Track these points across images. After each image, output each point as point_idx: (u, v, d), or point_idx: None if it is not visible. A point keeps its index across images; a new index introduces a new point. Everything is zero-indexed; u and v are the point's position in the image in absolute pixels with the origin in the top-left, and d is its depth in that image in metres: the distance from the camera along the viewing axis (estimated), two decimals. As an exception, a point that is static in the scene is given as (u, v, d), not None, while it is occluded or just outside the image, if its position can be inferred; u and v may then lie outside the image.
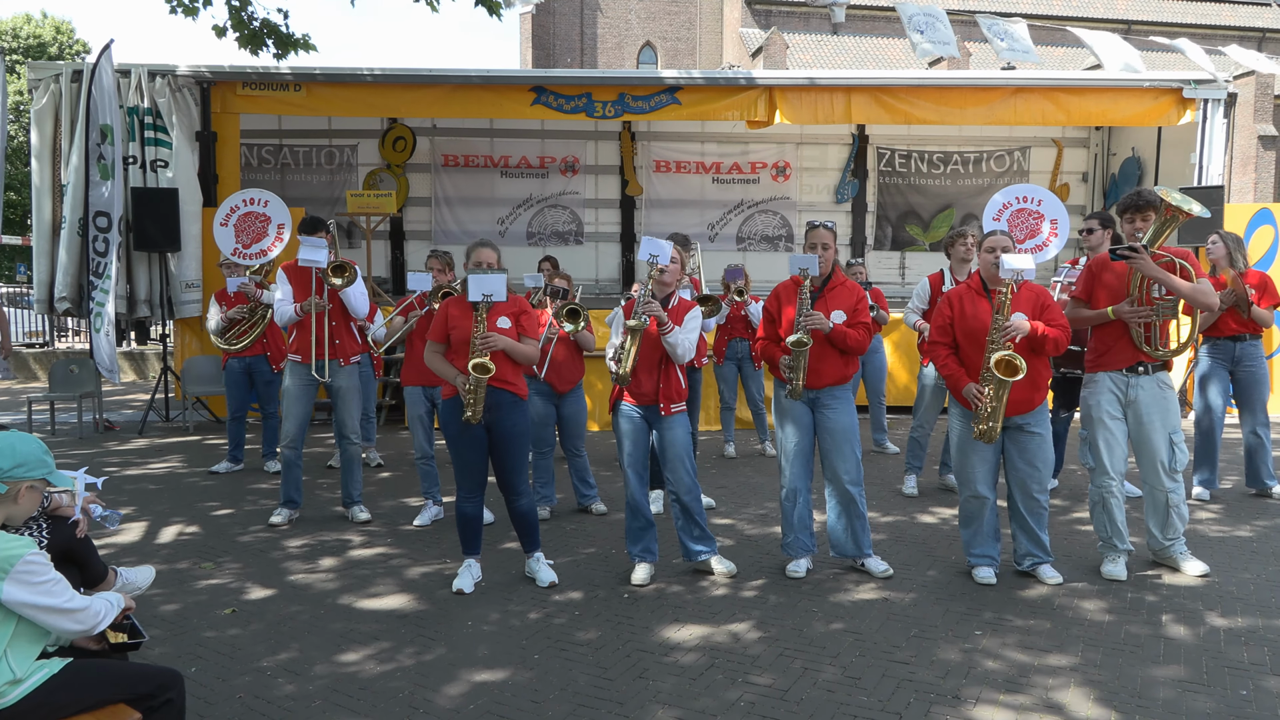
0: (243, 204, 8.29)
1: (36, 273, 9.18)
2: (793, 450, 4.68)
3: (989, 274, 4.47)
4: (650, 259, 4.53)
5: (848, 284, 4.69)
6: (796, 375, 4.54)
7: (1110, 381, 4.56)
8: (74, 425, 9.05)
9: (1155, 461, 4.53)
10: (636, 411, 4.62)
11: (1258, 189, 28.34)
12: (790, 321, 4.59)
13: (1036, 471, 4.47)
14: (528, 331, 4.51)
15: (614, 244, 12.40)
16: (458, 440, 4.43)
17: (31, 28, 27.93)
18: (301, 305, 5.65)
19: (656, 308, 4.47)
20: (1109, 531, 4.60)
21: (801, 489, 4.69)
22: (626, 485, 4.66)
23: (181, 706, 2.69)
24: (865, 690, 3.42)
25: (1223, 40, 35.55)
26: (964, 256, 6.17)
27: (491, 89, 9.51)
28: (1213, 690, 3.40)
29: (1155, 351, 4.49)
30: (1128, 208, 4.57)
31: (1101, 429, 4.56)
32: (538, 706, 3.32)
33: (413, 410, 5.79)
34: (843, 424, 4.60)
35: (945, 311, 4.55)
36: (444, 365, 4.43)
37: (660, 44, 39.53)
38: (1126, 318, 4.45)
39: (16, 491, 2.64)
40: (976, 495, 4.54)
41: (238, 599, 4.43)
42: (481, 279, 4.27)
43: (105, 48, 8.65)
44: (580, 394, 5.93)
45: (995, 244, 4.47)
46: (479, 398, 4.29)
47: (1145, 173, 11.21)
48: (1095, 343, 4.65)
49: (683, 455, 4.61)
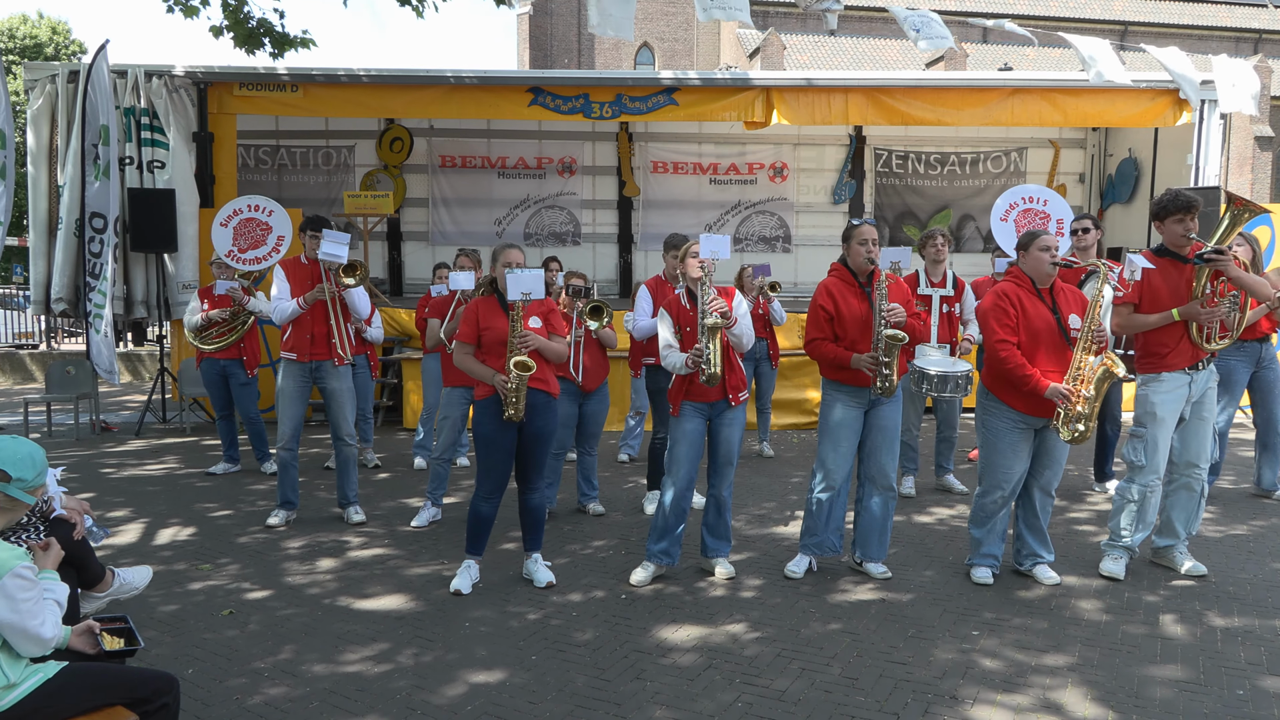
0: (247, 209, 8.27)
1: (33, 273, 9.16)
2: (845, 452, 4.60)
3: (1039, 273, 4.39)
4: (712, 255, 4.43)
5: (895, 279, 4.62)
6: (893, 371, 4.43)
7: (1177, 382, 4.53)
8: (70, 427, 9.03)
9: (1203, 453, 4.58)
10: (702, 411, 4.59)
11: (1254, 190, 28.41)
12: (854, 318, 4.49)
13: (1060, 470, 4.52)
14: (556, 330, 4.52)
15: (611, 245, 12.40)
16: (490, 441, 4.41)
17: (28, 28, 27.88)
18: (305, 297, 5.59)
19: (723, 303, 4.42)
20: (1134, 529, 4.59)
21: (843, 490, 4.67)
22: (672, 485, 4.58)
23: (176, 711, 2.69)
24: (863, 690, 3.42)
25: (1218, 41, 35.67)
26: (935, 257, 6.20)
27: (489, 90, 9.51)
28: (1210, 690, 3.40)
29: (1211, 345, 4.51)
30: (1177, 209, 4.46)
31: (1162, 429, 4.54)
32: (535, 707, 3.31)
33: (450, 410, 5.74)
34: (895, 421, 4.61)
35: (1010, 310, 4.37)
36: (478, 365, 4.41)
37: (658, 45, 39.54)
38: (1201, 319, 4.43)
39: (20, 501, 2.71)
40: (1006, 496, 4.51)
41: (235, 600, 4.42)
42: (520, 277, 4.24)
43: (101, 48, 8.64)
44: (605, 392, 5.90)
45: (1048, 243, 4.38)
46: (521, 396, 4.28)
47: (1142, 174, 11.24)
48: (1151, 345, 4.58)
49: (735, 452, 4.64)
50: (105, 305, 8.60)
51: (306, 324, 5.63)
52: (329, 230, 5.57)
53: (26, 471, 2.68)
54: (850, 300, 4.53)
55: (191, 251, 9.15)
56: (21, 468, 2.68)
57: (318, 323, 5.65)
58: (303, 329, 5.63)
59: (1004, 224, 7.37)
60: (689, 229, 11.34)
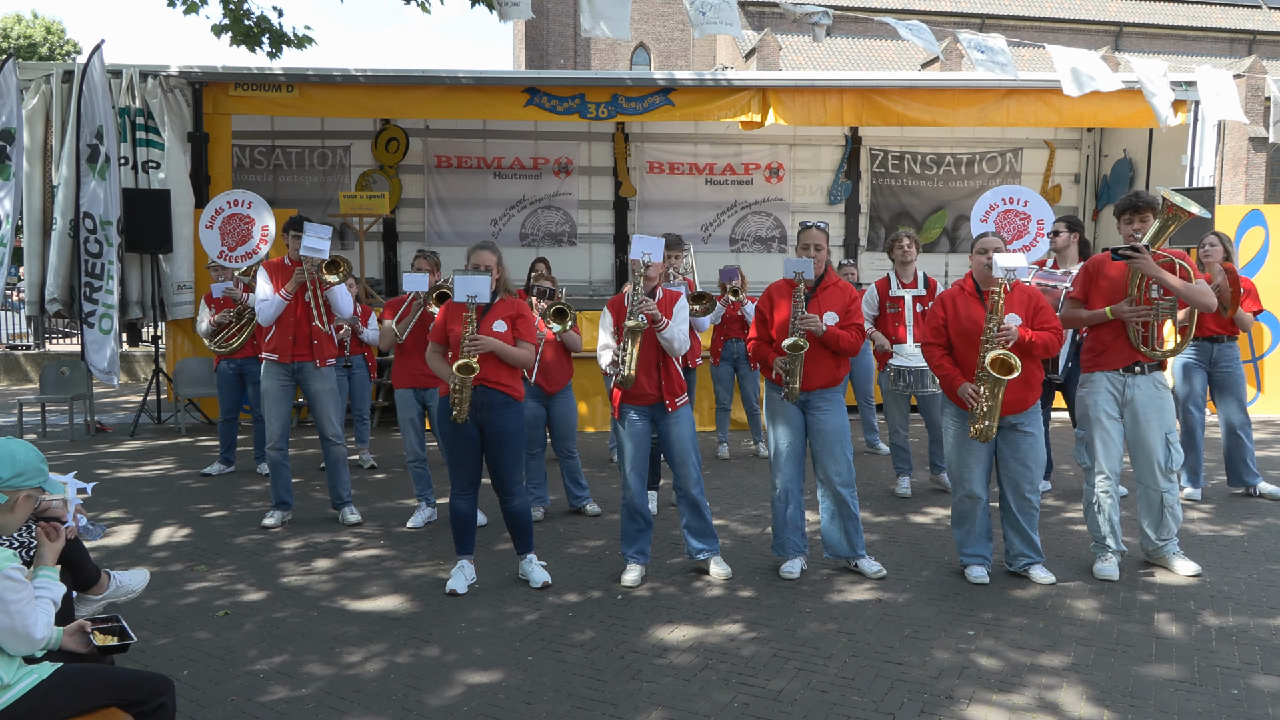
0: (226, 205, 8.26)
1: (28, 274, 9.13)
2: (785, 452, 4.68)
3: (982, 275, 4.49)
4: (643, 256, 4.50)
5: (840, 284, 4.69)
6: (793, 378, 4.53)
7: (1108, 381, 4.57)
8: (65, 428, 9.01)
9: (1152, 461, 4.55)
10: (641, 413, 4.62)
11: (1249, 190, 28.48)
12: (783, 322, 4.59)
13: (1029, 471, 4.49)
14: (524, 335, 4.51)
15: (607, 245, 12.38)
16: (450, 438, 4.45)
17: (22, 28, 27.80)
18: (286, 286, 5.53)
19: (651, 305, 4.45)
20: (1103, 531, 4.62)
21: (793, 490, 4.70)
22: (626, 487, 4.65)
23: (173, 712, 2.68)
24: (859, 691, 3.42)
25: (1212, 42, 35.78)
26: (903, 259, 6.23)
27: (485, 90, 9.50)
28: (1204, 689, 3.41)
29: (1152, 351, 4.51)
30: (1126, 209, 4.58)
31: (1099, 429, 4.58)
32: (531, 708, 3.31)
33: (404, 413, 5.78)
34: (834, 426, 4.61)
35: (939, 313, 4.57)
36: (442, 365, 4.47)
37: (653, 45, 39.55)
38: (1126, 317, 4.46)
39: (15, 501, 2.63)
40: (971, 495, 4.55)
41: (231, 601, 4.41)
42: (466, 280, 4.30)
43: (96, 48, 8.62)
44: (570, 394, 5.94)
45: (987, 245, 4.48)
46: (464, 398, 4.31)
47: (1137, 174, 11.26)
48: (1092, 342, 4.67)
49: (689, 449, 4.62)
50: (114, 306, 8.61)
51: (289, 325, 5.60)
52: (310, 224, 5.55)
53: (3, 470, 2.61)
54: (782, 304, 4.62)
55: (187, 252, 9.13)
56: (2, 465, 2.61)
57: (300, 324, 5.62)
58: (285, 330, 5.60)
59: (984, 224, 7.42)
60: (685, 229, 11.36)
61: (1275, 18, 36.53)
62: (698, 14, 7.17)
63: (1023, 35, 33.93)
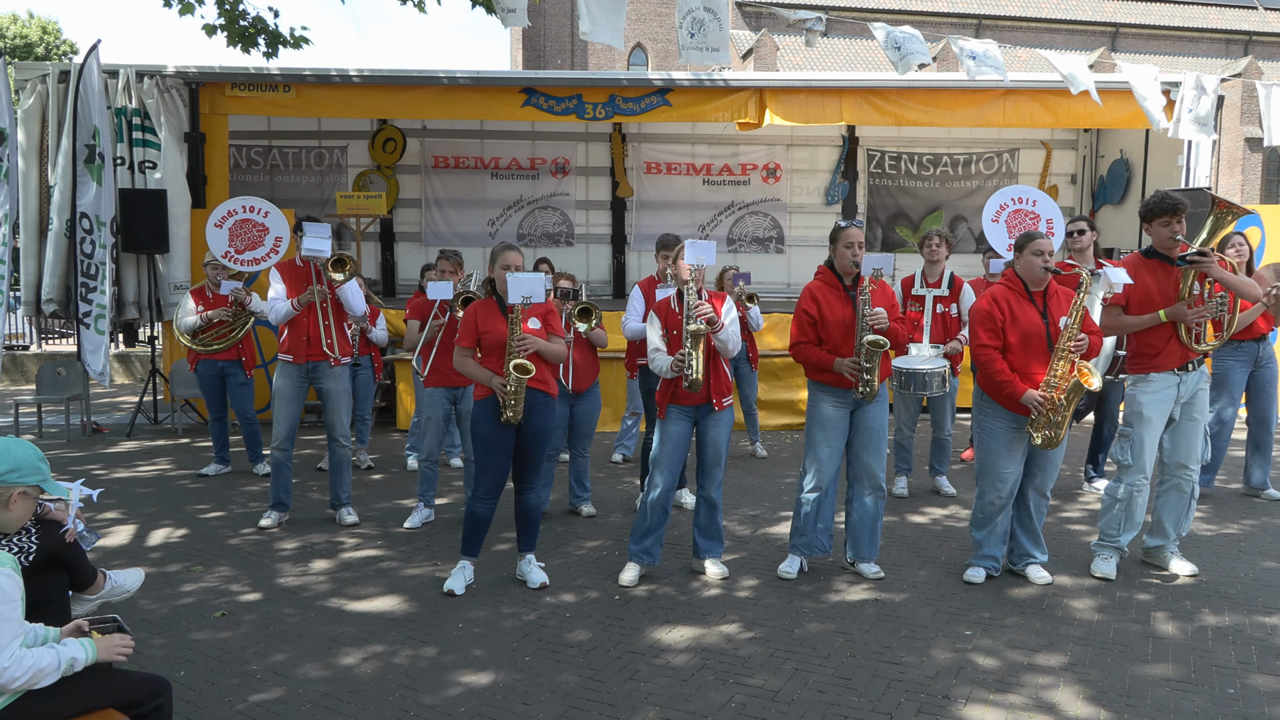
0: (241, 209, 8.23)
1: (24, 274, 9.11)
2: (831, 453, 4.62)
3: (1031, 276, 4.41)
4: (697, 261, 4.47)
5: (878, 282, 4.63)
6: (874, 376, 4.46)
7: (1165, 382, 4.56)
8: (62, 428, 8.99)
9: (1193, 453, 4.60)
10: (686, 413, 4.61)
11: (1245, 191, 28.55)
12: (839, 322, 4.52)
13: (1054, 472, 4.54)
14: (555, 331, 4.54)
15: (604, 245, 12.38)
16: (488, 441, 4.43)
17: (18, 28, 27.75)
18: (299, 298, 5.59)
19: (708, 309, 4.44)
20: (1122, 529, 4.62)
21: (832, 490, 4.70)
22: (655, 486, 4.61)
23: (169, 713, 2.67)
24: (856, 691, 3.43)
25: (1209, 43, 35.85)
26: (931, 258, 6.25)
27: (482, 90, 9.49)
28: (1201, 688, 3.42)
29: (1201, 346, 4.53)
30: (1163, 211, 4.48)
31: (1149, 429, 4.56)
32: (528, 709, 3.31)
33: (430, 411, 5.71)
34: (881, 422, 4.62)
35: (996, 315, 4.41)
36: (477, 369, 4.44)
37: (651, 45, 39.55)
38: (1187, 320, 4.46)
39: (8, 497, 2.62)
40: (1004, 497, 4.53)
41: (227, 602, 4.40)
42: (520, 280, 4.27)
43: (93, 48, 8.60)
44: (596, 393, 5.92)
45: (1041, 247, 4.38)
46: (520, 398, 4.30)
47: (1133, 175, 11.27)
48: (1141, 346, 4.62)
49: (723, 452, 4.65)
50: (107, 307, 8.58)
51: (303, 325, 5.63)
52: (308, 223, 5.54)
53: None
54: (834, 304, 4.57)
55: (183, 252, 9.12)
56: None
57: (314, 324, 5.64)
58: (299, 330, 5.63)
59: (995, 225, 7.41)
60: (682, 230, 11.36)
61: (1271, 19, 36.63)
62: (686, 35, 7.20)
63: (1018, 36, 34.00)
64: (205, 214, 8.45)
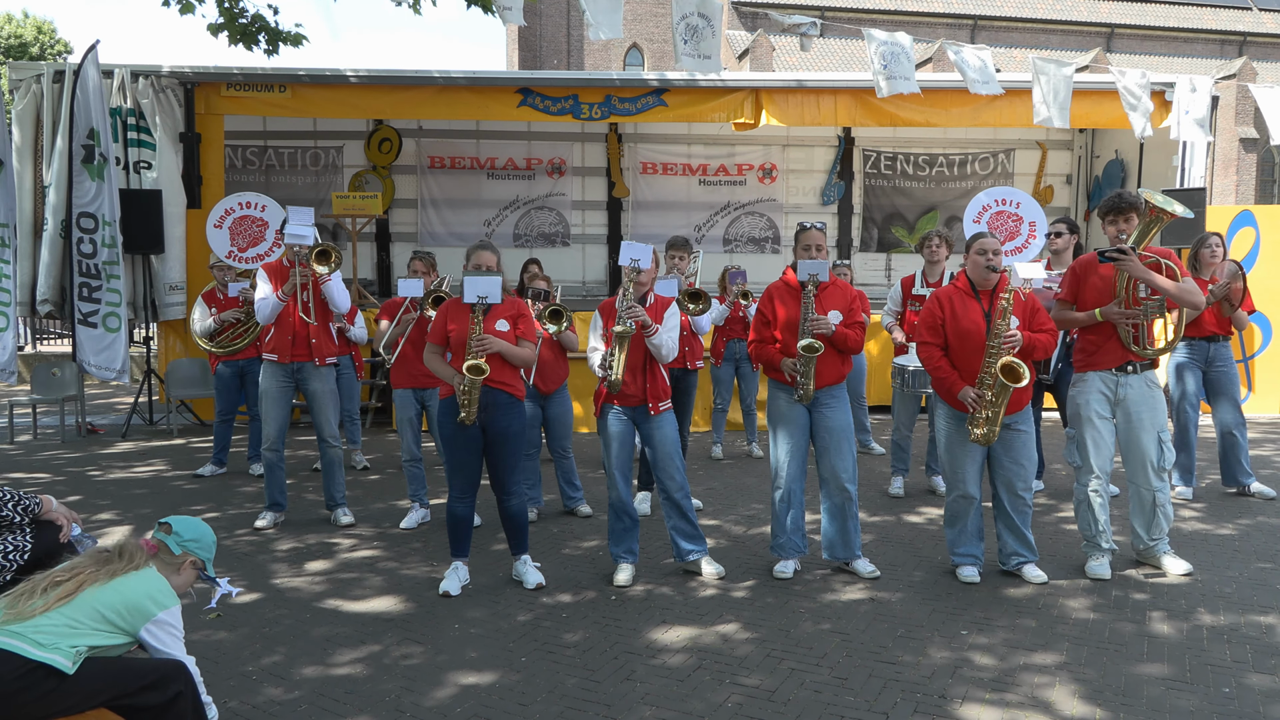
0: (238, 207, 8.22)
1: (18, 275, 9.09)
2: (789, 451, 4.66)
3: (977, 275, 4.49)
4: (631, 263, 4.53)
5: (839, 284, 4.71)
6: (808, 380, 4.51)
7: (1100, 381, 4.59)
8: (56, 429, 8.97)
9: (1144, 461, 4.57)
10: (623, 414, 4.64)
11: (1239, 191, 28.63)
12: (787, 323, 4.59)
13: (1022, 469, 4.52)
14: (526, 335, 4.52)
15: (601, 246, 12.39)
16: (452, 441, 4.43)
17: (12, 27, 27.70)
18: (284, 288, 5.53)
19: (640, 311, 4.48)
20: (1093, 530, 4.63)
21: (797, 490, 4.70)
22: (612, 487, 4.66)
23: (195, 696, 2.75)
24: (852, 690, 3.43)
25: (1204, 44, 35.92)
26: (931, 258, 6.27)
27: (478, 90, 9.49)
28: (1196, 687, 3.42)
29: (1144, 351, 4.53)
30: (1110, 210, 4.59)
31: (1090, 428, 4.59)
32: (525, 709, 3.31)
33: (402, 413, 5.76)
34: (841, 423, 4.63)
35: (936, 312, 4.54)
36: (443, 367, 4.45)
37: (647, 46, 39.55)
38: (1115, 319, 4.48)
39: (183, 562, 2.97)
40: (965, 495, 4.56)
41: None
42: (476, 281, 4.28)
43: (90, 49, 8.58)
44: (566, 395, 5.93)
45: (985, 246, 4.48)
46: (473, 399, 4.30)
47: (1129, 175, 11.29)
48: (1083, 343, 4.68)
49: (673, 453, 4.63)
50: (119, 304, 8.57)
51: (287, 325, 5.60)
52: (292, 208, 5.52)
53: (187, 530, 3.05)
54: (789, 303, 4.62)
55: (179, 253, 9.10)
56: (187, 528, 3.02)
57: (299, 324, 5.61)
58: (284, 330, 5.60)
59: (977, 225, 7.43)
60: (679, 230, 11.36)
61: (1266, 19, 36.72)
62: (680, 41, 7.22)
63: (1014, 37, 34.07)
64: (201, 214, 8.45)
